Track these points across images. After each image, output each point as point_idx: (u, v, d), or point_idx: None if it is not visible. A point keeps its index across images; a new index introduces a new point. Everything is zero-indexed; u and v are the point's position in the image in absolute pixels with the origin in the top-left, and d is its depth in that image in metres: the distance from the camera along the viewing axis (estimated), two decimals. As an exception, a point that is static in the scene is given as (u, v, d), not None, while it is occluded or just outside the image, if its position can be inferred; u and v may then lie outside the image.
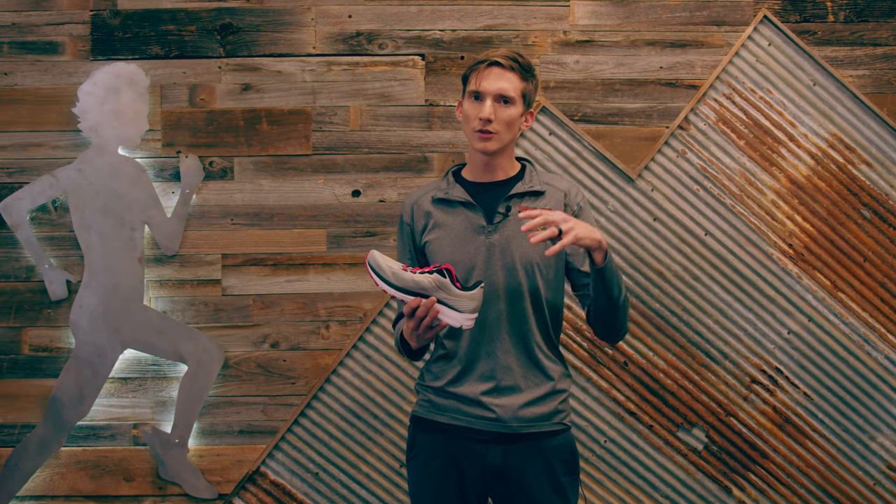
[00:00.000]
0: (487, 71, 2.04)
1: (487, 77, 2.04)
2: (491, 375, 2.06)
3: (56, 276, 2.94)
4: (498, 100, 2.04)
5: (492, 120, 2.03)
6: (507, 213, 2.09)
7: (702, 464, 2.98)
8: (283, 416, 2.98)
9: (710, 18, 2.99)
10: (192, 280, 2.98)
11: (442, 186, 2.16)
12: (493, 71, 2.04)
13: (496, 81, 2.03)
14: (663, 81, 2.99)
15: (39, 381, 2.97)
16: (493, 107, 2.03)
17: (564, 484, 2.10)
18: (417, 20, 2.99)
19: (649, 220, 2.98)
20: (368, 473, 2.98)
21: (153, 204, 2.95)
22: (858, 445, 2.99)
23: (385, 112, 2.99)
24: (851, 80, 2.99)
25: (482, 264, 2.06)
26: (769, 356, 2.98)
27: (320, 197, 2.98)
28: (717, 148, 2.98)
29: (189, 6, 2.97)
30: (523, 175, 2.15)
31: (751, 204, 2.98)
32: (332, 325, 2.98)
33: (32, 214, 2.96)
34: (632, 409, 2.98)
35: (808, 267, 2.98)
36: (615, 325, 2.07)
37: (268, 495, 2.98)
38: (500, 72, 2.04)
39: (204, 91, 2.98)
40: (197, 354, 2.95)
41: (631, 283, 2.97)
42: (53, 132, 2.97)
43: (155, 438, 2.95)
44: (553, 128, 2.97)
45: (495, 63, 2.04)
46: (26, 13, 2.97)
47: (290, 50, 2.99)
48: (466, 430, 2.08)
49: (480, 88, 2.04)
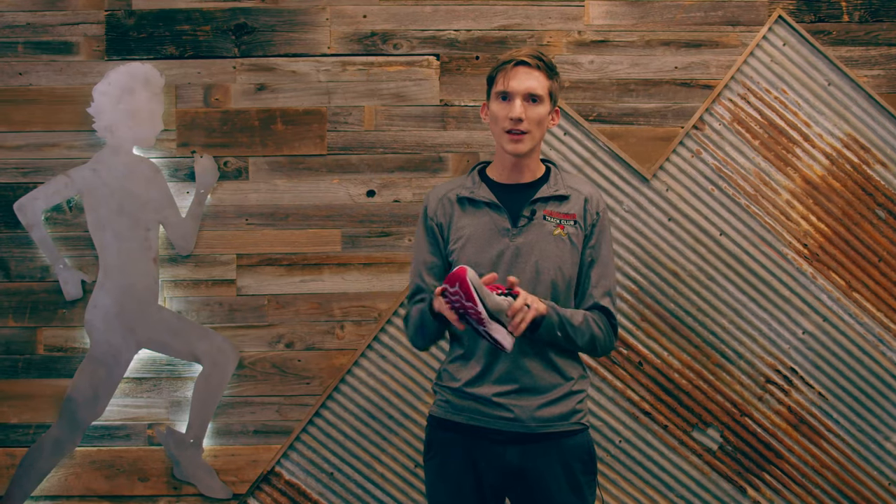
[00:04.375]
0: (515, 70, 2.04)
1: (515, 76, 2.04)
2: (510, 377, 2.06)
3: (71, 276, 2.94)
4: (527, 99, 2.04)
5: (522, 119, 2.03)
6: (531, 216, 2.09)
7: (716, 464, 2.99)
8: (297, 416, 2.98)
9: (725, 18, 2.99)
10: (207, 280, 2.98)
11: (467, 185, 2.16)
12: (520, 70, 2.04)
13: (524, 80, 2.04)
14: (678, 81, 2.99)
15: (54, 381, 2.97)
16: (523, 106, 2.03)
17: (582, 484, 2.10)
18: (432, 20, 2.99)
19: (664, 220, 2.98)
20: (383, 473, 2.98)
21: (168, 204, 2.95)
22: (873, 445, 2.99)
23: (400, 112, 2.99)
24: (866, 79, 2.99)
25: (505, 267, 2.06)
26: (784, 356, 2.98)
27: (335, 197, 2.99)
28: (731, 148, 2.98)
29: (204, 6, 2.97)
30: (548, 177, 2.15)
31: (766, 204, 2.98)
32: (347, 325, 2.98)
33: (47, 214, 2.96)
34: (647, 409, 2.98)
35: (822, 267, 2.98)
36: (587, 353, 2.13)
37: (282, 495, 2.98)
38: (527, 71, 2.04)
39: (219, 91, 2.98)
40: (212, 354, 2.95)
41: (646, 284, 2.97)
42: (68, 132, 2.98)
43: (170, 438, 2.95)
44: (568, 128, 2.98)
45: (522, 62, 2.04)
46: (41, 13, 2.97)
47: (305, 50, 2.99)
48: (484, 431, 2.08)
49: (509, 88, 2.04)
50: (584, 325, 2.05)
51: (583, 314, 2.07)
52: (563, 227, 2.08)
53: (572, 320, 2.03)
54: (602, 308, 2.11)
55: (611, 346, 2.14)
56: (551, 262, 2.06)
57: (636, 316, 2.97)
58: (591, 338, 2.07)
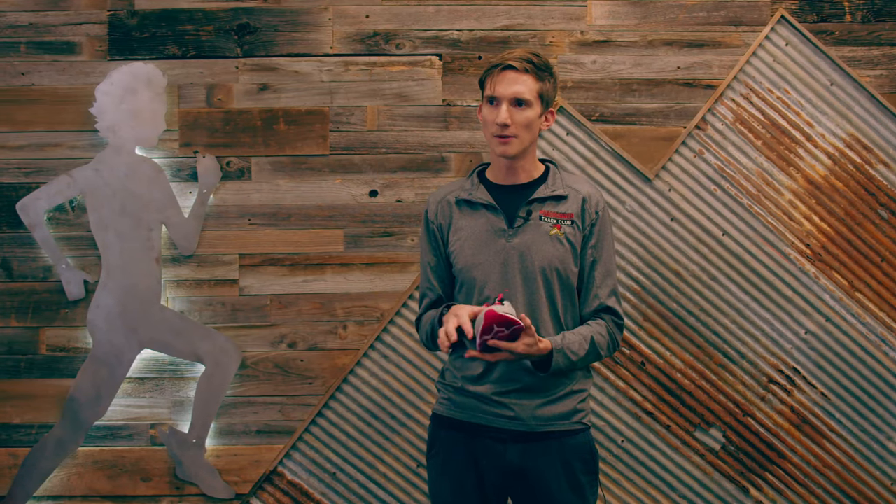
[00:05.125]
0: (502, 75, 2.04)
1: (501, 81, 2.04)
2: (511, 376, 2.07)
3: (73, 276, 2.94)
4: (514, 103, 2.04)
5: (508, 124, 2.03)
6: (528, 217, 2.09)
7: (719, 464, 2.98)
8: (300, 416, 2.98)
9: (728, 18, 2.99)
10: (210, 280, 2.98)
11: (466, 187, 2.17)
12: (507, 75, 2.04)
13: (510, 85, 2.04)
14: (681, 81, 2.99)
15: (57, 381, 2.97)
16: (508, 111, 2.03)
17: (584, 483, 2.11)
18: (435, 20, 2.99)
19: (667, 220, 2.98)
20: (386, 473, 2.98)
21: (171, 204, 2.95)
22: (876, 445, 2.99)
23: (402, 112, 2.99)
24: (869, 80, 2.99)
25: (501, 267, 2.07)
26: (786, 356, 2.98)
27: (338, 197, 2.99)
28: (734, 148, 2.98)
29: (206, 6, 2.97)
30: (546, 177, 2.15)
31: (768, 204, 2.98)
32: (350, 325, 2.98)
33: (50, 214, 2.96)
34: (649, 409, 2.98)
35: (825, 267, 2.98)
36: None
37: (285, 495, 2.98)
38: (514, 75, 2.04)
39: (221, 91, 2.98)
40: (214, 354, 2.95)
41: (648, 284, 2.97)
42: (71, 132, 2.98)
43: (172, 438, 2.95)
44: (570, 128, 2.98)
45: (509, 67, 2.04)
46: (43, 13, 2.97)
47: (308, 50, 2.99)
48: (486, 429, 2.09)
49: (495, 93, 2.05)
50: (591, 349, 2.06)
51: (588, 337, 2.06)
52: (559, 226, 2.09)
53: (579, 352, 2.04)
54: (609, 309, 2.12)
55: (616, 347, 2.15)
56: (547, 262, 2.07)
57: (639, 316, 2.97)
58: (597, 356, 2.10)
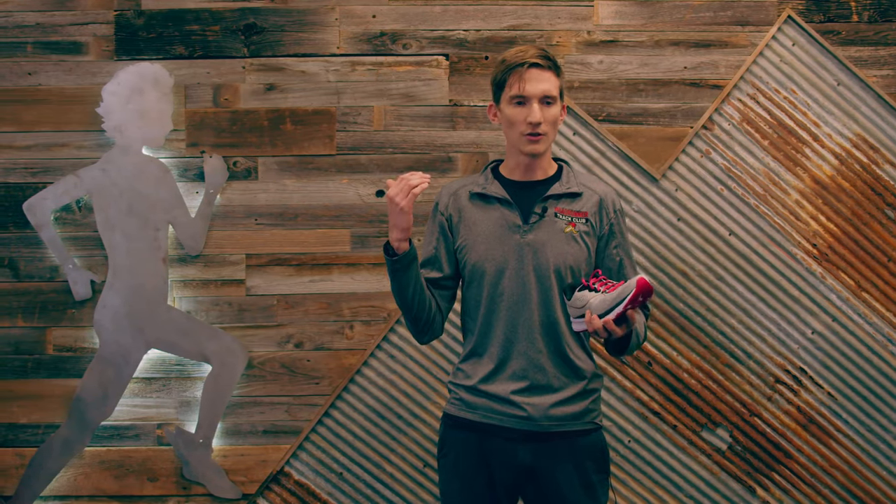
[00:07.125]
0: (529, 73, 2.04)
1: (530, 80, 2.04)
2: (523, 374, 2.07)
3: (80, 276, 2.94)
4: (542, 101, 2.05)
5: (541, 122, 2.04)
6: (543, 213, 2.09)
7: (726, 464, 2.98)
8: (307, 416, 2.98)
9: (735, 18, 2.99)
10: (217, 280, 2.98)
11: (480, 181, 2.17)
12: (533, 73, 2.04)
13: (539, 84, 2.04)
14: (687, 81, 2.99)
15: (63, 381, 2.97)
16: (540, 109, 2.04)
17: (595, 483, 2.11)
18: (441, 20, 2.99)
19: (673, 220, 2.98)
20: (392, 473, 2.98)
21: (177, 204, 2.95)
22: (883, 445, 2.99)
23: (409, 112, 2.99)
24: (876, 80, 2.99)
25: (515, 263, 2.07)
26: (793, 356, 2.98)
27: (344, 197, 2.99)
28: (741, 148, 2.98)
29: (213, 6, 2.97)
30: (560, 175, 2.15)
31: (775, 204, 2.97)
32: (357, 325, 2.98)
33: (56, 214, 2.96)
34: (656, 409, 2.98)
35: (832, 267, 2.98)
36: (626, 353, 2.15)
37: (292, 495, 2.98)
38: (538, 73, 2.04)
39: (228, 91, 2.98)
40: (221, 354, 2.95)
41: (655, 283, 2.97)
42: (77, 132, 2.98)
43: (179, 438, 2.95)
44: (577, 128, 2.98)
45: (535, 65, 2.04)
46: (50, 13, 2.97)
47: (315, 50, 2.99)
48: (497, 429, 2.08)
49: (525, 92, 2.04)
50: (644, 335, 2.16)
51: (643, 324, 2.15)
52: (574, 224, 2.09)
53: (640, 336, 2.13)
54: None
55: (646, 339, 2.22)
56: (561, 259, 2.07)
57: (645, 316, 2.98)
58: (639, 345, 2.16)
